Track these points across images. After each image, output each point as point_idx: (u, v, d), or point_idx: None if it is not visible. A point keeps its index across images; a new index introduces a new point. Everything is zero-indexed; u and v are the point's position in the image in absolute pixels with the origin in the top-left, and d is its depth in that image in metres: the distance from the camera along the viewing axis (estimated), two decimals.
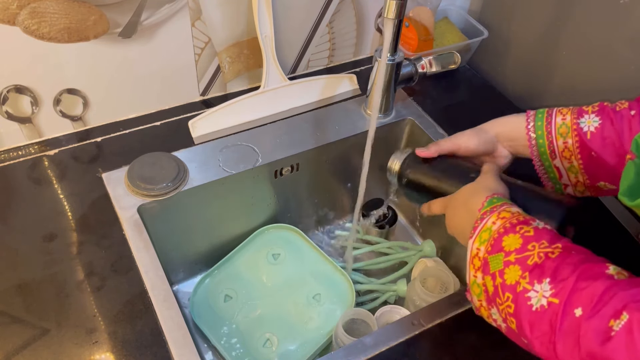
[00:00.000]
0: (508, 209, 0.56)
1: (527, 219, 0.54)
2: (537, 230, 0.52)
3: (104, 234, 0.74)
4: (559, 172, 0.69)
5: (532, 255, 0.50)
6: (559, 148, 0.67)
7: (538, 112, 0.70)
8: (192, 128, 0.87)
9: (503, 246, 0.52)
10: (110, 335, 0.64)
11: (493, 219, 0.55)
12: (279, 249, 0.92)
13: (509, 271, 0.50)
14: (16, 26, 0.73)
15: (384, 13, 0.77)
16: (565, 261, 0.48)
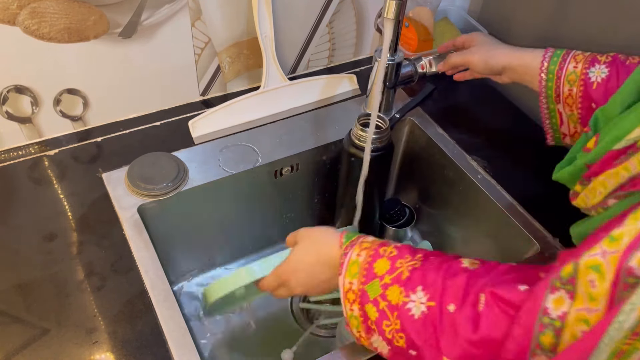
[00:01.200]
0: (365, 240, 0.59)
1: (384, 241, 0.58)
2: (398, 248, 0.56)
3: (104, 234, 0.74)
4: (560, 119, 0.70)
5: (402, 271, 0.53)
6: (563, 94, 0.68)
7: (555, 53, 0.72)
8: (192, 128, 0.87)
9: (375, 272, 0.54)
10: (110, 335, 0.64)
11: (357, 252, 0.57)
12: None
13: (390, 292, 0.53)
14: (16, 26, 0.73)
15: (383, 13, 0.77)
16: (428, 267, 0.52)
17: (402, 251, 0.56)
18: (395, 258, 0.55)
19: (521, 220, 0.80)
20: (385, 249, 0.56)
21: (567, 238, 0.78)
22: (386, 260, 0.55)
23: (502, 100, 1.02)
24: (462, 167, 0.87)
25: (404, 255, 0.55)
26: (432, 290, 0.50)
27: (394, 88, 0.90)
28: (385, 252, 0.56)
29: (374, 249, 0.57)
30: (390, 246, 0.57)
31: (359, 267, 0.56)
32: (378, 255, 0.56)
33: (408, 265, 0.53)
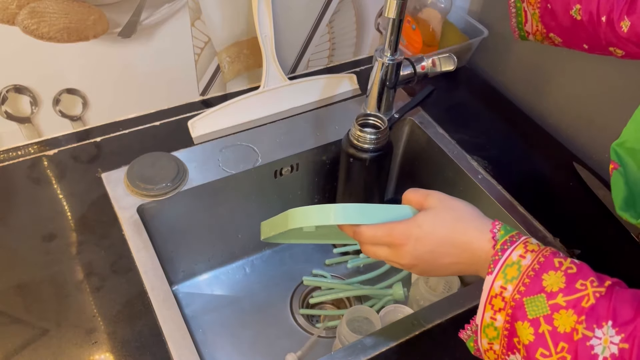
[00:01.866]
0: (530, 240, 0.48)
1: (555, 251, 0.48)
2: (578, 265, 0.46)
3: (103, 234, 0.73)
4: (525, 17, 0.73)
5: (586, 295, 0.43)
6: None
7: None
8: (191, 128, 0.87)
9: (544, 286, 0.44)
10: (110, 336, 0.64)
11: (520, 252, 0.47)
12: None
13: (560, 317, 0.43)
14: (15, 26, 0.73)
15: (384, 12, 0.76)
16: (620, 298, 0.42)
17: (584, 270, 0.45)
18: (574, 277, 0.44)
19: (521, 220, 0.80)
20: (562, 262, 0.46)
21: (567, 238, 0.78)
22: (562, 276, 0.44)
23: (502, 100, 1.02)
24: (462, 167, 0.87)
25: (587, 277, 0.44)
26: (628, 330, 0.41)
27: (394, 88, 0.90)
28: (562, 265, 0.45)
29: (545, 256, 0.46)
30: (566, 260, 0.46)
31: (520, 271, 0.46)
32: (550, 265, 0.45)
33: (594, 291, 0.43)
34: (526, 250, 0.47)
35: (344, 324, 0.73)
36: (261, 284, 0.96)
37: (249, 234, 0.96)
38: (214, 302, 0.93)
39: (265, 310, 0.93)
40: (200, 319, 0.90)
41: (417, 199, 0.54)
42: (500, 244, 0.48)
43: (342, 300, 0.94)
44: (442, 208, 0.52)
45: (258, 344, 0.88)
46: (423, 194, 0.54)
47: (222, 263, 0.97)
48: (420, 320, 0.67)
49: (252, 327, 0.90)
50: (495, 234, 0.49)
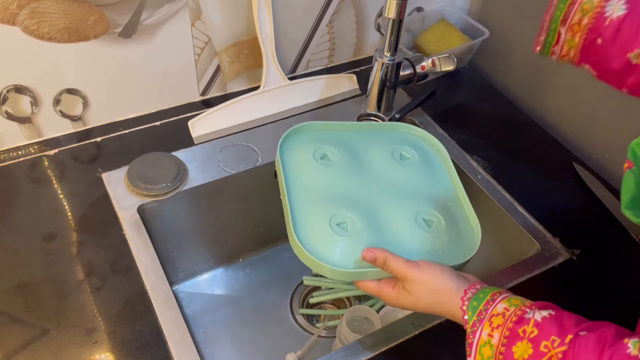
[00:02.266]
0: (495, 312, 0.52)
1: (520, 314, 0.51)
2: (540, 325, 0.49)
3: (103, 234, 0.73)
4: (557, 39, 0.65)
5: (552, 357, 0.46)
6: (572, 21, 0.62)
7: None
8: (191, 128, 0.87)
9: (516, 358, 0.48)
10: (110, 336, 0.64)
11: (487, 331, 0.51)
12: (410, 152, 0.75)
13: None
14: (16, 26, 0.73)
15: (384, 13, 0.77)
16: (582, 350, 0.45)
17: (546, 330, 0.48)
18: (537, 340, 0.48)
19: (521, 220, 0.80)
20: (525, 329, 0.49)
21: (567, 238, 0.78)
22: (527, 344, 0.48)
23: (503, 100, 1.02)
24: (462, 167, 0.87)
25: (549, 336, 0.47)
26: None
27: (394, 88, 0.90)
28: (525, 333, 0.49)
29: (510, 329, 0.50)
30: (529, 324, 0.49)
31: (492, 350, 0.50)
32: (516, 336, 0.49)
33: (557, 351, 0.46)
34: (492, 328, 0.51)
35: (344, 323, 0.73)
36: (261, 284, 0.96)
37: (249, 234, 0.96)
38: (214, 302, 0.93)
39: (265, 310, 0.93)
40: (200, 319, 0.90)
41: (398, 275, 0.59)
42: (470, 327, 0.52)
43: (342, 300, 0.94)
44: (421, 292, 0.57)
45: (258, 343, 0.88)
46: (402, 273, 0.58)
47: (222, 263, 0.97)
48: (420, 320, 0.67)
49: (252, 327, 0.90)
50: (465, 313, 0.54)
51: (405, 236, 0.65)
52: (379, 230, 0.64)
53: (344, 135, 0.75)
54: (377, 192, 0.69)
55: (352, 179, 0.70)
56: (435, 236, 0.65)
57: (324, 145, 0.71)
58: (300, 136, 0.73)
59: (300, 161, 0.70)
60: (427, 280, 0.57)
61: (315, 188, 0.68)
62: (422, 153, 0.75)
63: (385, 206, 0.67)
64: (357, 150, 0.73)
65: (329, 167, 0.70)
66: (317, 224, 0.63)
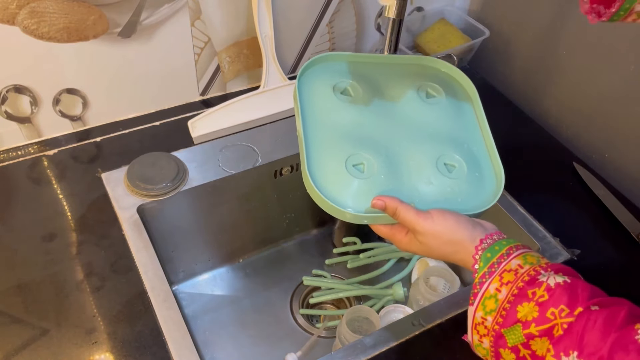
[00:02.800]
0: (508, 267, 0.50)
1: (533, 275, 0.49)
2: (551, 291, 0.47)
3: (103, 234, 0.73)
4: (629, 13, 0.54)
5: (556, 325, 0.45)
6: None
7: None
8: (191, 128, 0.87)
9: (519, 318, 0.47)
10: (110, 336, 0.63)
11: (496, 285, 0.50)
12: (436, 90, 0.70)
13: (536, 343, 0.46)
14: (15, 26, 0.73)
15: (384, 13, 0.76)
16: (590, 328, 0.43)
17: (557, 297, 0.46)
18: (546, 305, 0.46)
19: (521, 220, 0.80)
20: (535, 291, 0.47)
21: (567, 238, 0.78)
22: (534, 306, 0.47)
23: (503, 100, 1.02)
24: None
25: (558, 304, 0.46)
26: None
27: None
28: (535, 295, 0.47)
29: (519, 288, 0.48)
30: (541, 287, 0.47)
31: (497, 304, 0.49)
32: (524, 296, 0.48)
33: (563, 321, 0.45)
34: (501, 283, 0.49)
35: (344, 324, 0.73)
36: (261, 284, 0.96)
37: (249, 234, 0.96)
38: (214, 302, 0.93)
39: (265, 310, 0.93)
40: (200, 319, 0.90)
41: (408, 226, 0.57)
42: (479, 277, 0.51)
43: (342, 300, 0.94)
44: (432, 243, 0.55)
45: (258, 344, 0.88)
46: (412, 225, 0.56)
47: (222, 263, 0.97)
48: (420, 320, 0.67)
49: (252, 327, 0.90)
50: (476, 262, 0.52)
51: (424, 181, 0.61)
52: (397, 173, 0.61)
53: (367, 68, 0.70)
54: (399, 132, 0.65)
55: (373, 117, 0.65)
56: (456, 182, 0.61)
57: (345, 79, 0.67)
58: (321, 67, 0.68)
59: (319, 95, 0.66)
60: (440, 231, 0.54)
61: (333, 125, 0.64)
62: (449, 91, 0.70)
63: (405, 148, 0.64)
64: (380, 85, 0.69)
65: (349, 103, 0.65)
66: (332, 163, 0.60)
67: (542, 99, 1.01)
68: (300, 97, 0.65)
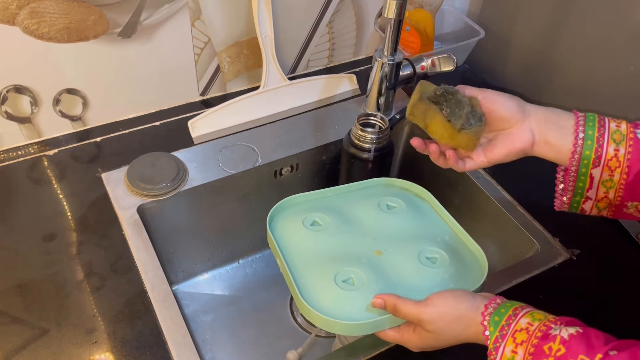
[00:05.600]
0: (518, 327, 0.50)
1: (544, 330, 0.48)
2: (567, 344, 0.46)
3: (103, 234, 0.73)
4: (590, 183, 0.59)
5: None
6: (607, 155, 0.57)
7: (588, 115, 0.60)
8: (191, 128, 0.87)
9: None
10: (110, 336, 0.64)
11: (511, 347, 0.49)
12: (396, 202, 0.74)
13: None
14: (16, 26, 0.73)
15: (384, 13, 0.77)
16: None
17: (574, 348, 0.45)
18: (564, 358, 0.45)
19: (521, 220, 0.80)
20: (551, 347, 0.46)
21: (567, 238, 0.78)
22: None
23: None
24: None
25: (576, 355, 0.45)
26: None
27: (394, 88, 0.90)
28: (552, 351, 0.46)
29: (535, 346, 0.47)
30: (555, 341, 0.47)
31: None
32: (541, 354, 0.46)
33: None
34: (516, 344, 0.49)
35: None
36: (261, 284, 0.96)
37: (249, 234, 0.96)
38: (214, 302, 0.93)
39: (265, 310, 0.93)
40: (200, 319, 0.90)
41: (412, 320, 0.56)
42: (492, 343, 0.50)
43: None
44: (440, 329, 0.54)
45: (258, 343, 0.88)
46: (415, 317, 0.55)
47: (222, 263, 0.97)
48: None
49: (252, 327, 0.90)
50: (486, 328, 0.51)
51: (413, 276, 0.63)
52: (385, 277, 0.63)
53: (328, 200, 0.75)
54: (374, 243, 0.68)
55: (346, 236, 0.69)
56: (443, 270, 0.64)
57: (311, 213, 0.71)
58: (285, 210, 0.73)
59: (291, 232, 0.70)
60: (444, 311, 0.54)
61: (312, 254, 0.67)
62: (407, 201, 0.74)
63: (386, 254, 0.67)
64: (344, 210, 0.73)
65: (321, 232, 0.69)
66: (322, 284, 0.62)
67: (541, 99, 1.01)
68: (275, 239, 0.68)
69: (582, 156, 0.58)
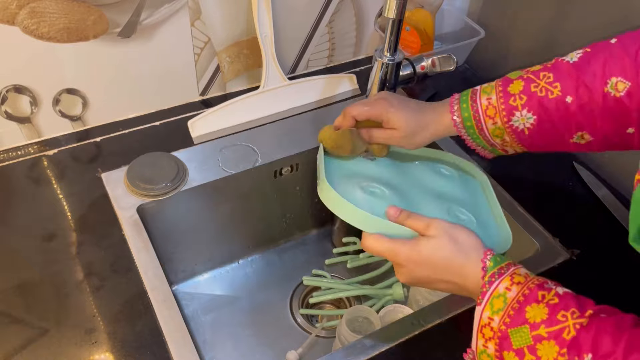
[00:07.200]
0: (518, 272, 0.51)
1: (541, 282, 0.50)
2: (560, 297, 0.47)
3: (103, 234, 0.73)
4: (483, 135, 0.64)
5: (567, 327, 0.45)
6: (482, 107, 0.63)
7: (462, 95, 0.66)
8: (191, 128, 0.87)
9: (527, 318, 0.47)
10: (110, 336, 0.64)
11: (506, 284, 0.49)
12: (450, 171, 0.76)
13: (543, 347, 0.45)
14: (15, 26, 0.73)
15: (384, 12, 0.76)
16: (602, 330, 0.43)
17: (567, 301, 0.47)
18: (556, 307, 0.46)
19: (521, 220, 0.80)
20: (545, 294, 0.48)
21: (567, 238, 0.78)
22: (543, 307, 0.47)
23: None
24: None
25: (569, 307, 0.46)
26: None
27: (394, 88, 0.90)
28: (544, 298, 0.47)
29: (530, 289, 0.48)
30: (550, 292, 0.48)
31: (505, 303, 0.48)
32: (534, 297, 0.48)
33: (575, 322, 0.45)
34: (512, 282, 0.49)
35: (343, 323, 0.73)
36: (261, 284, 0.96)
37: (249, 234, 0.96)
38: (214, 302, 0.93)
39: (265, 310, 0.93)
40: (200, 319, 0.90)
41: (418, 225, 0.57)
42: (488, 276, 0.51)
43: (341, 300, 0.94)
44: (443, 237, 0.54)
45: (258, 343, 0.88)
46: (425, 222, 0.56)
47: (222, 263, 0.97)
48: (420, 320, 0.67)
49: (252, 327, 0.90)
50: (485, 264, 0.52)
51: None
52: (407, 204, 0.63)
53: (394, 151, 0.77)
54: (414, 188, 0.69)
55: (391, 172, 0.70)
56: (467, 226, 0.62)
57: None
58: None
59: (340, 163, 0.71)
60: (453, 227, 0.55)
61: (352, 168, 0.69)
62: (461, 175, 0.76)
63: (418, 197, 0.67)
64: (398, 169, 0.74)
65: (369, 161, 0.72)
66: (349, 184, 0.64)
67: None
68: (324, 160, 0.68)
69: (463, 119, 0.63)
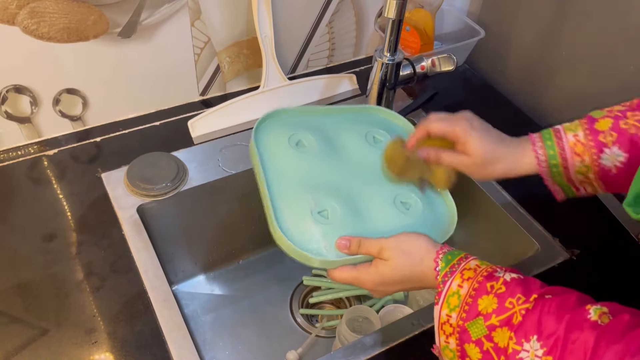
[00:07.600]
0: (467, 266, 0.54)
1: (490, 271, 0.53)
2: (507, 284, 0.50)
3: (103, 234, 0.73)
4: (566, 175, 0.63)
5: (514, 313, 0.48)
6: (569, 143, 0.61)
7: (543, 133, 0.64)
8: (191, 128, 0.87)
9: (480, 310, 0.50)
10: (110, 336, 0.64)
11: (458, 282, 0.53)
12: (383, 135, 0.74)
13: (497, 335, 0.48)
14: (15, 26, 0.73)
15: (384, 12, 0.76)
16: (545, 312, 0.46)
17: (512, 288, 0.50)
18: (504, 296, 0.49)
19: (521, 220, 0.80)
20: (493, 285, 0.51)
21: (567, 238, 0.78)
22: (492, 298, 0.50)
23: (502, 100, 1.02)
24: None
25: (515, 294, 0.49)
26: (550, 343, 0.44)
27: (394, 88, 0.90)
28: (493, 289, 0.50)
29: (479, 282, 0.51)
30: (498, 281, 0.51)
31: (459, 300, 0.51)
32: (484, 290, 0.51)
33: (520, 308, 0.48)
34: (462, 279, 0.53)
35: (343, 323, 0.73)
36: (261, 284, 0.96)
37: (249, 233, 0.96)
38: (214, 302, 0.93)
39: (265, 310, 0.93)
40: (200, 319, 0.90)
41: (372, 252, 0.60)
42: (441, 276, 0.54)
43: (341, 300, 0.94)
44: (398, 257, 0.58)
45: (258, 343, 0.88)
46: (377, 247, 0.59)
47: (222, 263, 0.97)
48: (420, 320, 0.67)
49: (252, 327, 0.90)
50: (437, 264, 0.55)
51: (383, 220, 0.65)
52: (358, 215, 0.64)
53: (317, 120, 0.75)
54: (355, 177, 0.69)
55: (329, 164, 0.69)
56: (414, 218, 0.66)
57: (298, 131, 0.71)
58: (274, 122, 0.73)
59: (275, 148, 0.70)
60: (403, 240, 0.58)
61: (293, 176, 0.68)
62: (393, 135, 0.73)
63: (364, 190, 0.67)
64: (330, 134, 0.73)
65: (304, 154, 0.69)
66: (298, 212, 0.64)
67: (541, 99, 1.01)
68: (258, 151, 0.69)
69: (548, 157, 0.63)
